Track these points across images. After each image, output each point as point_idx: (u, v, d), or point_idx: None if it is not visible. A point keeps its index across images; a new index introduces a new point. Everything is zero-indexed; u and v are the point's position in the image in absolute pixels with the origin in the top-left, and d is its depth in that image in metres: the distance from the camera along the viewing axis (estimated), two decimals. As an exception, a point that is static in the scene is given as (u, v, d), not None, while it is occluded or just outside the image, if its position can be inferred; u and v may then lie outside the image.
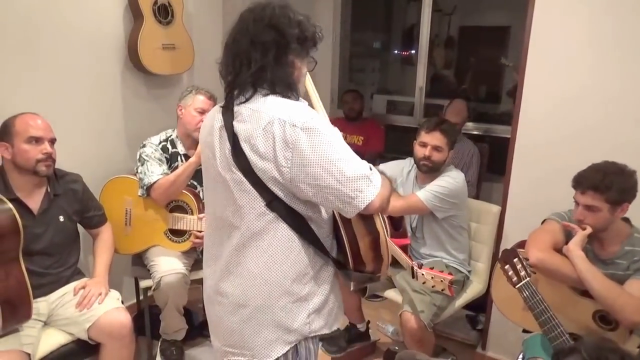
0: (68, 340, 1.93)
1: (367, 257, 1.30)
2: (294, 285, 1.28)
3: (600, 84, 2.11)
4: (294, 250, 1.26)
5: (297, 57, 1.27)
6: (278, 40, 1.22)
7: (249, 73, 1.22)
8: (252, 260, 1.27)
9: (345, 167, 1.15)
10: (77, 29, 2.40)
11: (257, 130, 1.19)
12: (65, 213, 2.01)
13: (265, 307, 1.28)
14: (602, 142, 2.11)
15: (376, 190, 1.17)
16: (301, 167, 1.16)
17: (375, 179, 1.18)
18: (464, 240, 2.43)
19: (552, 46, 2.17)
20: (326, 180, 1.15)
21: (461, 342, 2.77)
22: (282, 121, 1.16)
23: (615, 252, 1.80)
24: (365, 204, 1.16)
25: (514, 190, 2.38)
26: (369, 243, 1.29)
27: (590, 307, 1.77)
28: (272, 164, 1.18)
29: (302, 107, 1.22)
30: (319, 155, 1.14)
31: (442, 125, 2.30)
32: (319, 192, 1.18)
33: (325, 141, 1.15)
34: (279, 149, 1.16)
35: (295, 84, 1.28)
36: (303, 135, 1.15)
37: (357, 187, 1.15)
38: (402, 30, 4.67)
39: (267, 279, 1.27)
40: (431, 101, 3.95)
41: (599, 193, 1.69)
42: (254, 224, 1.24)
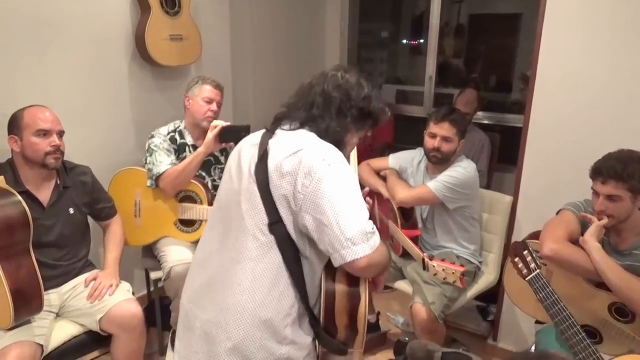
0: (80, 332, 1.95)
1: (340, 320, 1.25)
2: (274, 321, 1.22)
3: (616, 71, 2.06)
4: (281, 284, 1.23)
5: (354, 125, 1.32)
6: (344, 100, 1.29)
7: (305, 113, 1.29)
8: (237, 279, 1.23)
9: (352, 216, 1.15)
10: (84, 22, 2.39)
11: (288, 152, 1.21)
12: (75, 205, 2.02)
13: (237, 333, 1.22)
14: (616, 130, 2.07)
15: (369, 251, 1.15)
16: (313, 197, 1.17)
17: (373, 240, 1.17)
18: (475, 231, 2.40)
19: (566, 33, 2.13)
20: (329, 219, 1.15)
21: (472, 333, 2.75)
22: (315, 152, 1.20)
23: (632, 243, 1.77)
24: (353, 258, 1.15)
25: (526, 180, 2.35)
26: (345, 305, 1.24)
27: (605, 299, 1.75)
28: (290, 185, 1.19)
29: (337, 151, 1.25)
30: (334, 193, 1.16)
31: (450, 116, 2.26)
32: (318, 227, 1.18)
33: (345, 184, 1.18)
34: (301, 175, 1.18)
35: (343, 144, 1.31)
36: (328, 170, 1.17)
37: (351, 238, 1.14)
38: (411, 19, 4.61)
39: (247, 304, 1.22)
40: (441, 90, 3.90)
41: (621, 182, 1.66)
42: (251, 243, 1.23)
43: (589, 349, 1.41)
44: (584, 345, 1.42)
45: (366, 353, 2.58)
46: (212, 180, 2.46)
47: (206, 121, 2.36)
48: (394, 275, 2.46)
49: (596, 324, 1.77)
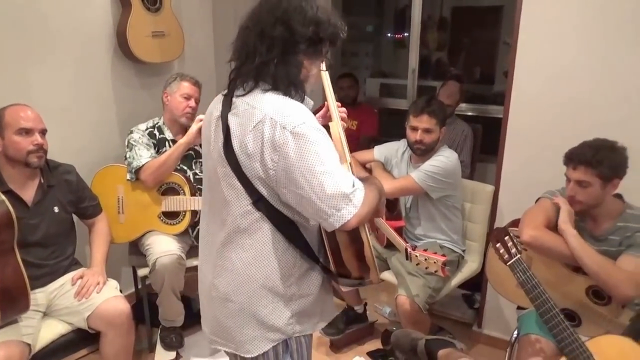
0: (68, 330, 1.95)
1: (351, 265, 1.28)
2: (277, 284, 1.26)
3: (591, 62, 2.11)
4: (278, 250, 1.24)
5: (308, 58, 1.22)
6: (286, 37, 1.16)
7: (252, 66, 1.19)
8: (237, 257, 1.25)
9: (326, 181, 1.11)
10: (64, 19, 2.38)
11: (248, 127, 1.16)
12: (59, 204, 2.02)
13: (249, 304, 1.26)
14: (594, 120, 2.11)
15: (354, 210, 1.13)
16: (285, 172, 1.13)
17: (357, 197, 1.14)
18: (458, 220, 2.44)
19: (543, 24, 2.17)
20: (306, 192, 1.12)
21: (458, 321, 2.80)
22: (274, 121, 1.13)
23: (608, 229, 1.82)
24: (341, 223, 1.13)
25: (507, 169, 2.39)
26: (353, 253, 1.26)
27: (583, 283, 1.79)
28: (258, 164, 1.16)
29: (298, 108, 1.17)
30: (304, 164, 1.11)
31: (428, 108, 2.30)
32: (299, 201, 1.16)
33: (312, 150, 1.11)
34: (267, 150, 1.14)
35: (301, 84, 1.22)
36: (291, 139, 1.11)
37: (334, 205, 1.11)
38: (394, 12, 4.63)
39: (250, 276, 1.25)
40: (424, 83, 3.94)
41: (590, 168, 1.71)
42: (240, 220, 1.23)
43: (567, 330, 1.45)
44: (563, 327, 1.47)
45: (354, 343, 2.62)
46: (194, 174, 2.48)
47: (185, 117, 2.40)
48: (380, 266, 2.49)
49: (575, 307, 1.82)
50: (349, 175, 1.16)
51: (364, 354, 2.53)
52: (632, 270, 1.68)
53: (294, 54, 1.18)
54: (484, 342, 2.64)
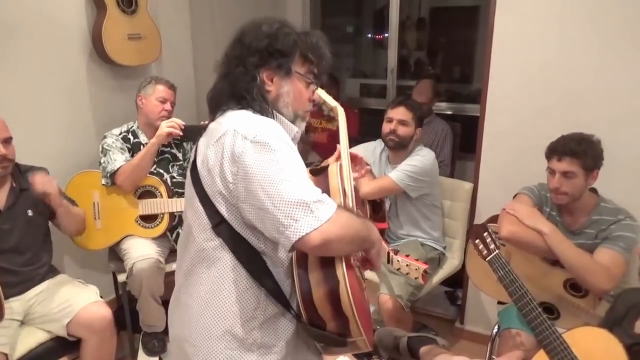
0: (47, 338, 1.92)
1: (324, 311, 1.05)
2: (236, 328, 1.10)
3: (565, 60, 2.15)
4: (239, 287, 1.10)
5: (267, 72, 1.16)
6: (239, 53, 1.16)
7: (217, 89, 1.19)
8: (195, 291, 1.15)
9: (285, 190, 0.99)
10: (38, 21, 2.33)
11: (211, 141, 1.09)
12: (33, 207, 1.98)
13: (202, 346, 1.12)
14: (569, 117, 2.15)
15: (317, 223, 0.97)
16: (244, 184, 1.03)
17: (322, 210, 0.98)
18: (438, 218, 2.47)
19: (518, 23, 2.20)
20: (264, 203, 1.00)
21: (441, 318, 2.83)
22: (236, 132, 1.06)
23: (583, 222, 1.86)
24: (298, 237, 0.97)
25: (485, 167, 2.43)
26: (324, 294, 1.04)
27: (561, 276, 1.83)
28: (218, 178, 1.07)
29: (265, 121, 1.10)
30: (262, 173, 1.01)
31: (406, 101, 2.36)
32: (258, 215, 1.03)
33: (273, 158, 1.01)
34: (226, 162, 1.05)
35: (267, 100, 1.16)
36: (251, 148, 1.03)
37: (291, 215, 0.97)
38: (373, 13, 4.66)
39: (205, 315, 1.12)
40: (403, 83, 3.97)
41: (575, 158, 1.75)
42: (199, 248, 1.13)
43: (545, 324, 1.48)
44: (541, 321, 1.49)
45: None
46: (171, 177, 2.47)
47: (160, 120, 2.39)
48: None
49: (553, 300, 1.85)
50: (318, 190, 1.02)
51: (348, 354, 2.53)
52: (608, 263, 1.72)
53: (244, 66, 1.15)
54: (466, 337, 2.67)
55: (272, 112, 1.17)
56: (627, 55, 2.03)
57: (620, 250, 1.74)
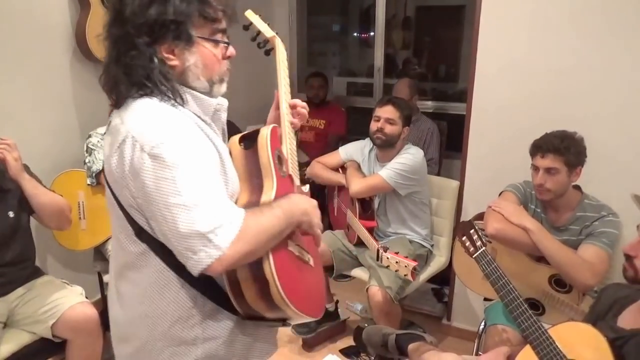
0: (31, 340, 1.89)
1: (259, 307, 1.04)
2: (175, 327, 1.06)
3: (550, 59, 2.17)
4: (171, 289, 1.05)
5: (171, 45, 1.01)
6: (129, 32, 1.00)
7: (110, 72, 1.05)
8: (128, 293, 1.10)
9: (180, 217, 0.92)
10: (20, 19, 2.29)
11: (114, 148, 0.99)
12: (14, 208, 1.93)
13: (145, 346, 1.09)
14: (554, 115, 2.17)
15: (216, 253, 0.91)
16: (147, 203, 0.96)
17: (221, 236, 0.91)
18: (426, 216, 2.49)
19: (503, 21, 2.23)
20: (163, 228, 0.94)
21: (428, 315, 2.85)
22: (134, 140, 0.95)
23: (568, 219, 1.89)
24: (199, 270, 0.93)
25: (471, 165, 2.45)
26: (256, 293, 1.01)
27: (546, 272, 1.86)
28: (127, 191, 0.99)
29: (165, 121, 0.98)
30: (159, 194, 0.93)
31: (394, 99, 2.38)
32: (163, 238, 0.98)
33: (169, 177, 0.92)
34: (129, 177, 0.97)
35: (172, 81, 1.03)
36: (149, 163, 0.93)
37: (189, 247, 0.92)
38: (359, 12, 4.67)
39: (144, 317, 1.08)
40: (390, 81, 3.98)
41: (559, 155, 1.77)
42: (127, 253, 1.07)
43: (531, 319, 1.49)
44: (527, 316, 1.51)
45: (327, 341, 2.63)
46: None
47: None
48: (351, 264, 2.51)
49: (539, 296, 1.88)
50: (219, 207, 0.94)
51: (336, 352, 2.54)
52: (592, 259, 1.75)
53: (136, 48, 1.00)
54: (453, 334, 2.69)
55: (181, 93, 1.04)
56: (611, 53, 2.06)
57: (603, 246, 1.77)
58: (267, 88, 3.56)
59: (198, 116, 1.07)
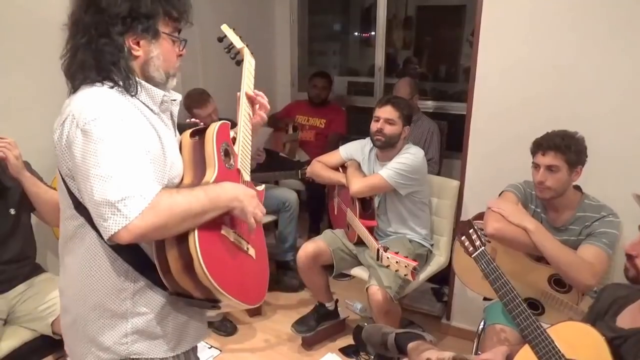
0: (32, 337, 1.89)
1: (185, 284, 1.09)
2: (107, 299, 1.13)
3: (550, 59, 2.17)
4: (104, 262, 1.12)
5: (134, 38, 1.11)
6: (97, 20, 1.08)
7: (73, 58, 1.12)
8: (70, 264, 1.18)
9: (95, 186, 0.99)
10: (20, 16, 2.30)
11: (57, 125, 1.09)
12: (15, 205, 1.94)
13: (79, 317, 1.16)
14: (554, 115, 2.17)
15: (124, 221, 0.97)
16: (75, 175, 1.05)
17: (130, 206, 0.98)
18: (426, 215, 2.49)
19: (504, 21, 2.23)
20: (85, 197, 1.03)
21: (427, 315, 2.85)
22: (72, 118, 1.04)
23: (568, 219, 1.89)
24: (108, 236, 0.99)
25: (471, 164, 2.45)
26: (181, 269, 1.07)
27: (545, 272, 1.86)
28: (64, 163, 1.08)
29: (104, 101, 1.06)
30: (84, 166, 1.01)
31: (393, 100, 2.37)
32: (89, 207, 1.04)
33: (93, 150, 1.00)
34: (64, 149, 1.06)
35: (133, 71, 1.12)
36: (80, 137, 1.02)
37: (101, 214, 0.99)
38: (360, 11, 4.67)
39: (80, 288, 1.15)
40: (391, 81, 3.99)
41: (560, 153, 1.78)
42: (68, 226, 1.15)
43: (530, 319, 1.50)
44: (525, 316, 1.51)
45: (326, 340, 2.63)
46: None
47: None
48: (351, 263, 2.51)
49: (538, 296, 1.88)
50: (132, 181, 1.00)
51: (336, 351, 2.54)
52: (591, 259, 1.75)
53: (109, 36, 1.08)
54: (452, 333, 2.70)
55: (137, 83, 1.12)
56: (612, 53, 2.06)
57: (603, 246, 1.78)
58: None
59: (146, 105, 1.15)
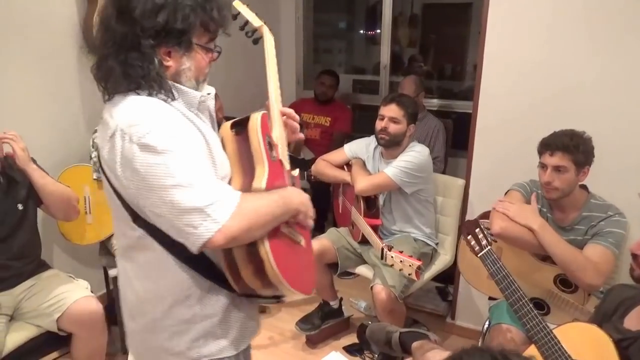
0: (37, 333, 1.90)
1: (254, 284, 1.09)
2: (175, 307, 1.12)
3: (557, 56, 2.16)
4: (170, 270, 1.10)
5: (166, 50, 1.07)
6: (127, 31, 1.03)
7: (105, 65, 1.07)
8: (132, 273, 1.16)
9: (179, 196, 0.97)
10: (28, 14, 2.30)
11: (105, 141, 1.05)
12: (23, 201, 1.95)
13: (147, 325, 1.15)
14: (560, 114, 2.17)
15: (216, 226, 0.97)
16: (141, 191, 1.01)
17: (219, 211, 0.97)
18: (431, 214, 2.48)
19: (511, 20, 2.21)
20: (161, 210, 0.99)
21: (432, 314, 2.85)
22: (123, 133, 1.00)
23: (574, 219, 1.88)
24: (201, 243, 0.98)
25: (477, 163, 2.44)
26: (252, 271, 1.07)
27: (551, 272, 1.85)
28: (118, 182, 1.05)
29: (152, 113, 1.02)
30: (154, 180, 0.98)
31: (398, 98, 2.36)
32: (159, 221, 1.03)
33: (161, 162, 0.97)
34: (119, 167, 1.02)
35: (165, 80, 1.07)
36: (138, 152, 0.98)
37: (190, 222, 0.97)
38: (365, 9, 4.65)
39: (146, 296, 1.14)
40: (396, 79, 3.97)
41: (567, 153, 1.76)
42: (126, 236, 1.13)
43: (536, 319, 1.49)
44: (532, 316, 1.51)
45: (330, 338, 2.63)
46: None
47: None
48: (355, 262, 2.51)
49: (543, 296, 1.87)
50: (213, 185, 1.00)
51: (340, 349, 2.54)
52: (597, 259, 1.74)
53: (139, 50, 1.04)
54: (457, 333, 2.69)
55: (170, 90, 1.08)
56: (619, 52, 2.04)
57: (609, 246, 1.76)
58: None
59: (186, 107, 1.12)
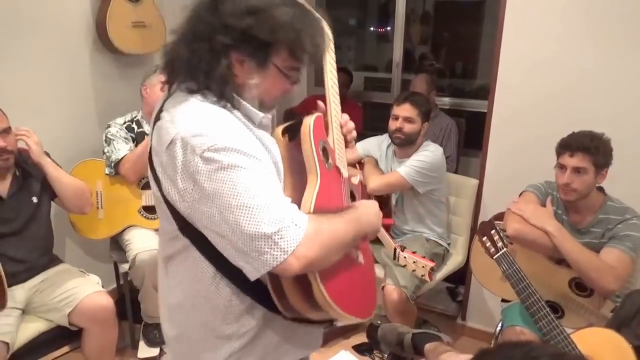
0: (48, 327, 1.91)
1: (302, 309, 1.00)
2: (214, 320, 1.06)
3: (574, 56, 2.13)
4: (210, 285, 1.04)
5: (240, 57, 0.98)
6: (213, 26, 0.96)
7: (176, 52, 1.01)
8: (173, 279, 1.11)
9: (244, 219, 0.88)
10: (41, 9, 2.30)
11: (162, 147, 0.97)
12: (37, 194, 1.96)
13: (185, 333, 1.11)
14: (577, 114, 2.14)
15: (282, 255, 0.88)
16: (200, 205, 0.93)
17: (287, 238, 0.88)
18: (443, 214, 2.46)
19: (527, 18, 2.18)
20: (223, 230, 0.91)
21: (442, 314, 2.83)
22: (185, 142, 0.92)
23: (590, 221, 1.85)
24: (269, 268, 0.90)
25: (491, 163, 2.41)
26: (300, 297, 0.98)
27: (566, 275, 1.82)
28: (176, 190, 0.96)
29: (216, 122, 0.95)
30: (218, 197, 0.90)
31: (411, 97, 2.33)
32: (218, 240, 0.95)
33: (227, 179, 0.89)
34: (179, 177, 0.94)
35: (230, 86, 0.99)
36: (202, 165, 0.90)
37: (256, 248, 0.89)
38: (377, 6, 4.63)
39: (184, 305, 1.09)
40: (408, 77, 3.95)
41: (588, 154, 1.72)
42: (169, 246, 1.07)
43: (553, 323, 1.47)
44: (549, 320, 1.49)
45: (340, 337, 2.62)
46: None
47: None
48: (366, 261, 2.49)
49: (558, 299, 1.84)
50: (281, 210, 0.91)
51: (349, 348, 2.53)
52: (614, 262, 1.71)
53: (209, 42, 0.96)
54: (467, 334, 2.67)
55: (233, 98, 1.00)
56: (634, 50, 2.00)
57: (627, 249, 1.73)
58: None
59: (246, 120, 1.04)
